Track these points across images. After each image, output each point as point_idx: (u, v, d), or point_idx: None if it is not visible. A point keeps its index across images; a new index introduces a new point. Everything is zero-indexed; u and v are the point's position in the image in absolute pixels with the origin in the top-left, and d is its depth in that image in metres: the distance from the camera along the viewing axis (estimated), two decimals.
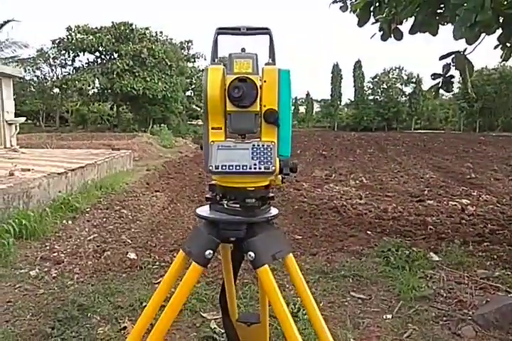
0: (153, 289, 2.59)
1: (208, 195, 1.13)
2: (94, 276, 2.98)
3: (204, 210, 1.13)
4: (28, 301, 2.57)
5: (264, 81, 1.03)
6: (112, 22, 20.95)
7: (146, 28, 21.58)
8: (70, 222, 4.45)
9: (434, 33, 3.39)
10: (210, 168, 1.02)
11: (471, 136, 25.03)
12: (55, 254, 3.45)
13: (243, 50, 1.06)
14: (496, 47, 3.50)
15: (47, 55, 22.30)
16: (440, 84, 3.57)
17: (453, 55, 3.28)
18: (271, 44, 1.07)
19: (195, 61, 25.37)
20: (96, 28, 21.01)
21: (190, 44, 24.70)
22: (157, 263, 3.23)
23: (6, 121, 9.35)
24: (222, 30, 1.08)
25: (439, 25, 3.39)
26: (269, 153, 1.03)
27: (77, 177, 5.96)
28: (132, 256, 3.40)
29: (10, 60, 21.19)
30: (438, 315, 2.39)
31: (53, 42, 21.26)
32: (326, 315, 2.33)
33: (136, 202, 5.55)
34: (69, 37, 20.49)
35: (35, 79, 23.33)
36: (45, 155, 8.18)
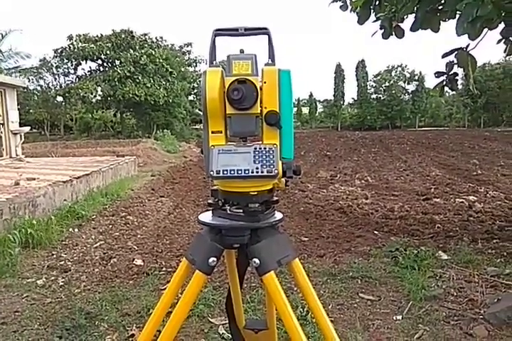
0: (160, 295, 2.57)
1: (210, 201, 1.10)
2: (101, 284, 2.97)
3: (206, 216, 1.10)
4: (36, 310, 2.56)
5: (264, 82, 1.00)
6: (113, 30, 21.12)
7: (146, 34, 21.69)
8: (76, 230, 4.45)
9: (436, 30, 3.35)
10: (211, 172, 0.99)
11: (476, 132, 24.85)
12: (62, 263, 3.45)
13: (242, 51, 1.03)
14: (498, 42, 3.46)
15: (50, 65, 22.48)
16: (444, 82, 3.54)
17: (456, 52, 3.25)
18: (270, 44, 1.04)
19: (196, 65, 25.44)
20: (97, 36, 21.16)
21: (190, 47, 24.77)
22: (164, 269, 3.22)
23: (11, 131, 9.40)
24: (219, 32, 1.05)
25: (441, 22, 3.36)
26: (271, 156, 0.99)
27: (82, 185, 5.97)
28: (139, 262, 3.39)
29: (13, 70, 21.35)
30: (449, 314, 2.36)
31: (55, 51, 21.49)
32: (335, 318, 2.30)
33: (141, 208, 5.55)
34: (71, 46, 20.68)
35: (38, 88, 23.53)
36: (50, 164, 8.22)
